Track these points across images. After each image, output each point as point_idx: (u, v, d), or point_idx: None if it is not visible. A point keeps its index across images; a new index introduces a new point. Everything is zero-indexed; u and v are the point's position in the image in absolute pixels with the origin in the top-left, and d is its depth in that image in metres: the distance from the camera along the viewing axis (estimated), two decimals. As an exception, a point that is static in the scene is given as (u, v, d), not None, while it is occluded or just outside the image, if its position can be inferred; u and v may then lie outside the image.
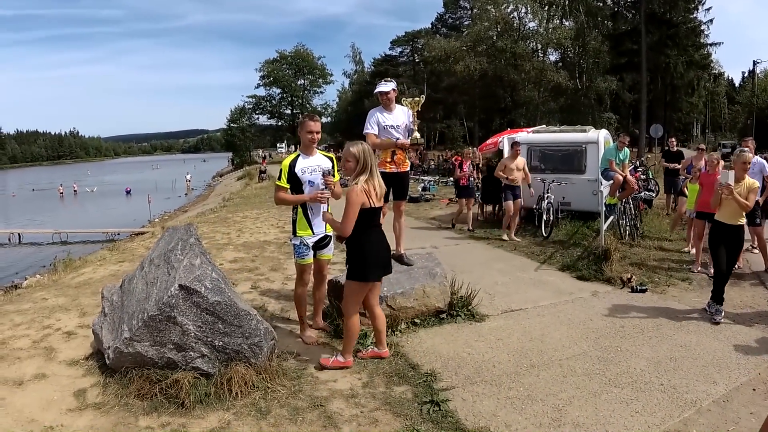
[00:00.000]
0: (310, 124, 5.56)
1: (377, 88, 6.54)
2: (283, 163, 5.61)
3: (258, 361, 4.58)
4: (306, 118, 5.64)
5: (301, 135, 5.63)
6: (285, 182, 5.53)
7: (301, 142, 5.69)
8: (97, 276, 9.56)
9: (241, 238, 12.45)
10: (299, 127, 5.71)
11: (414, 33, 73.04)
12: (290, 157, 5.66)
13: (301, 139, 5.69)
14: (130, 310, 4.70)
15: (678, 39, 43.57)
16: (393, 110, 6.61)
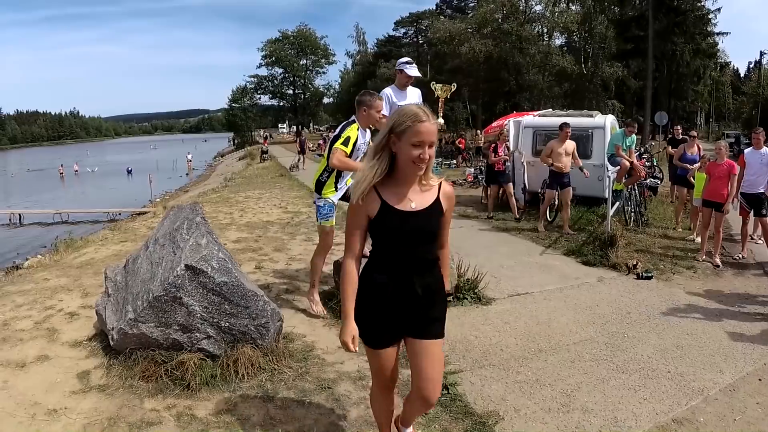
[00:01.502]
0: (379, 103, 5.66)
1: (408, 70, 6.44)
2: (351, 132, 5.60)
3: (265, 342, 4.52)
4: (375, 98, 5.67)
5: (368, 113, 5.64)
6: (349, 149, 5.57)
7: (363, 120, 5.71)
8: (99, 256, 9.50)
9: (244, 218, 12.41)
10: (362, 104, 5.67)
11: (418, 14, 72.66)
12: (354, 129, 5.65)
13: (363, 117, 5.69)
14: (134, 291, 4.64)
15: (685, 27, 43.19)
16: (406, 91, 6.55)
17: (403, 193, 2.70)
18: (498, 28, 45.74)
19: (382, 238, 2.76)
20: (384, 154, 2.65)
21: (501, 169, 12.36)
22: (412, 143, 2.55)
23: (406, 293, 2.75)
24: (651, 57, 41.50)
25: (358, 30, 78.71)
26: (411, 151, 2.56)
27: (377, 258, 2.81)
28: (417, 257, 2.75)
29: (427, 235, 2.75)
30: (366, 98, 5.72)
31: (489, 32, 46.26)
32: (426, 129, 2.54)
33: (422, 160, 2.58)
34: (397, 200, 2.68)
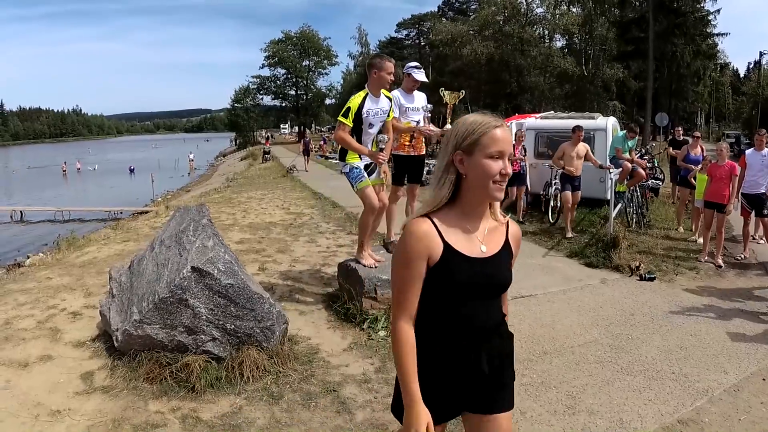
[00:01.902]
0: (389, 66, 5.68)
1: (415, 75, 6.46)
2: (352, 102, 5.65)
3: (270, 344, 4.52)
4: (384, 60, 5.69)
5: (378, 75, 5.66)
6: (350, 121, 5.60)
7: (375, 84, 5.72)
8: (102, 255, 9.50)
9: (247, 219, 12.39)
10: (373, 67, 5.71)
11: (420, 16, 72.71)
12: (359, 96, 5.70)
13: (375, 81, 5.70)
14: (139, 292, 4.64)
15: (685, 28, 43.23)
16: (413, 95, 6.58)
17: (468, 231, 2.04)
18: (499, 30, 45.81)
19: (441, 294, 2.01)
20: (447, 179, 2.01)
21: (517, 170, 11.86)
22: (489, 155, 1.93)
23: (471, 366, 2.06)
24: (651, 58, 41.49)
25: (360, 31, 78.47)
26: (490, 166, 1.94)
27: (430, 319, 2.05)
28: (486, 317, 2.08)
29: (499, 289, 2.13)
30: (376, 60, 5.75)
31: (491, 34, 46.33)
32: (504, 135, 1.96)
33: (505, 176, 1.97)
34: (463, 242, 2.02)
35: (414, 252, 1.96)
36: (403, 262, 1.99)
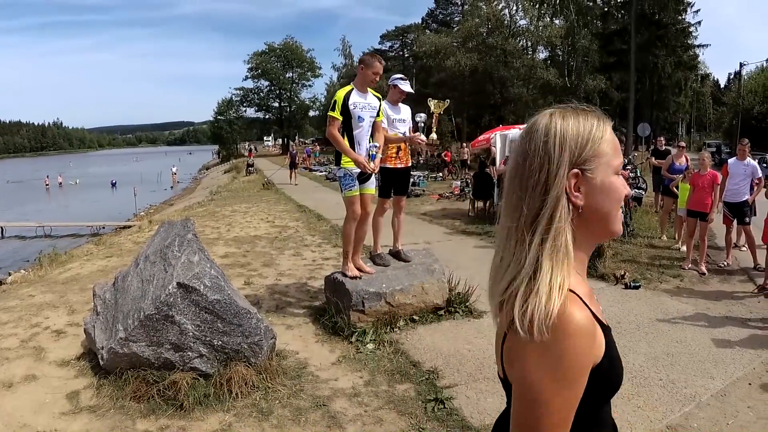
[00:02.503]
0: (377, 65, 5.78)
1: (401, 86, 6.48)
2: (337, 95, 5.80)
3: (258, 360, 4.49)
4: (374, 59, 5.80)
5: (364, 72, 5.79)
6: (338, 114, 5.72)
7: (360, 80, 5.84)
8: (85, 271, 9.41)
9: (231, 233, 12.33)
10: (362, 62, 5.87)
11: (404, 28, 72.88)
12: (344, 89, 5.84)
13: (361, 76, 5.84)
14: (124, 309, 4.59)
15: (667, 40, 43.76)
16: (399, 106, 6.60)
17: (592, 296, 1.31)
18: (483, 42, 46.00)
19: (593, 401, 1.21)
20: (562, 218, 1.20)
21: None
22: (616, 169, 1.28)
23: None
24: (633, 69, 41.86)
25: (344, 43, 78.81)
26: (618, 187, 1.28)
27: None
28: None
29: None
30: (366, 57, 5.89)
31: (474, 46, 46.52)
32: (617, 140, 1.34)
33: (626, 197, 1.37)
34: (600, 315, 1.26)
35: (587, 360, 1.15)
36: (570, 379, 1.13)
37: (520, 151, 1.27)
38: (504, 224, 1.28)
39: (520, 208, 1.22)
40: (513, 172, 1.27)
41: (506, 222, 1.26)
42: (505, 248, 1.27)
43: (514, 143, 1.59)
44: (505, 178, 1.31)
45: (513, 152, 1.33)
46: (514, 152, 1.31)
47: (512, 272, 1.23)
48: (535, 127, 1.26)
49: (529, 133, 1.27)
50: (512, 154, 1.33)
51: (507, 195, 1.28)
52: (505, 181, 1.30)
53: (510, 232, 1.25)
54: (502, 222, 1.29)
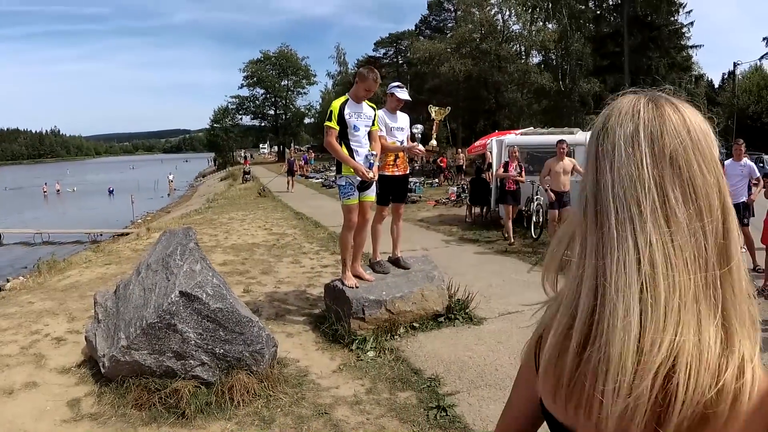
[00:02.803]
0: (371, 84, 5.85)
1: (398, 94, 6.53)
2: (333, 105, 5.90)
3: (260, 368, 4.50)
4: (370, 76, 5.84)
5: (358, 85, 5.89)
6: (335, 124, 5.82)
7: (354, 91, 5.94)
8: (84, 279, 9.40)
9: (229, 241, 12.33)
10: (357, 75, 5.99)
11: (398, 34, 73.03)
12: (340, 100, 5.94)
13: (355, 88, 5.94)
14: (126, 317, 4.59)
15: (660, 41, 43.92)
16: (397, 114, 6.65)
17: None
18: (477, 47, 46.11)
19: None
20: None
21: (512, 188, 11.73)
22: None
23: None
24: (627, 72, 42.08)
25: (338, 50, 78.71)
26: None
27: None
28: None
29: None
30: (363, 71, 5.95)
31: (468, 52, 46.62)
32: None
33: None
34: None
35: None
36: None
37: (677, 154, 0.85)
38: (670, 280, 0.81)
39: (701, 246, 0.83)
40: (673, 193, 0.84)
41: (673, 274, 0.81)
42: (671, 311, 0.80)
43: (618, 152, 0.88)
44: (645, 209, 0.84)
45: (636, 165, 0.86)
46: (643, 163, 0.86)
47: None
48: (672, 121, 0.88)
49: (681, 130, 0.87)
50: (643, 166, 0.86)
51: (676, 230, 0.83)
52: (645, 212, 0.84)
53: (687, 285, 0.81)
54: (670, 280, 0.81)
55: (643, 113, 0.89)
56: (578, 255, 0.91)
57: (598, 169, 0.90)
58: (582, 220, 0.92)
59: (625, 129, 0.89)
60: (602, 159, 0.90)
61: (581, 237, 0.91)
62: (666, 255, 0.81)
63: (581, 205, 0.93)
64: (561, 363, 0.90)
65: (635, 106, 0.91)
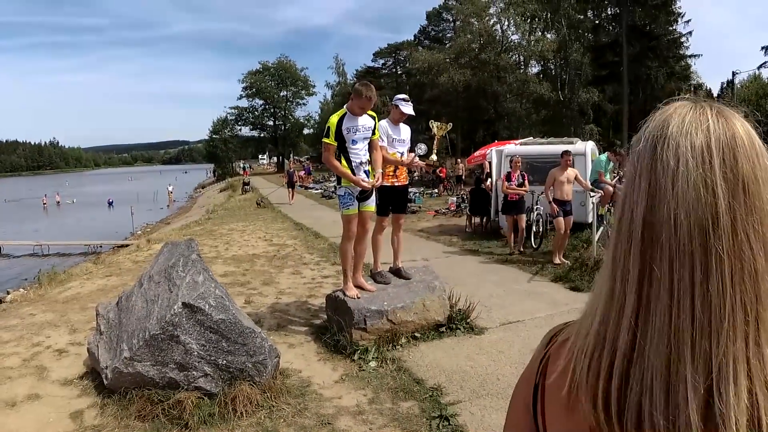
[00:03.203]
0: (365, 102, 5.83)
1: (403, 108, 6.58)
2: (330, 121, 5.90)
3: (262, 379, 4.51)
4: (365, 94, 5.81)
5: (355, 102, 5.86)
6: (333, 140, 5.82)
7: (352, 106, 5.92)
8: (85, 291, 9.41)
9: (230, 252, 12.35)
10: (355, 93, 5.92)
11: (397, 45, 73.27)
12: (337, 114, 5.94)
13: (351, 104, 5.93)
14: (129, 329, 4.61)
15: (659, 51, 44.08)
16: (399, 126, 6.69)
17: None
18: (475, 57, 46.28)
19: None
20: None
21: (514, 198, 11.56)
22: None
23: None
24: (626, 81, 42.26)
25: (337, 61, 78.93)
26: None
27: None
28: None
29: None
30: (359, 87, 5.94)
31: (467, 62, 46.79)
32: None
33: None
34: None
35: None
36: None
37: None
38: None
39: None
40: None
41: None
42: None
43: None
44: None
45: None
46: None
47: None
48: (744, 140, 0.73)
49: (751, 152, 0.73)
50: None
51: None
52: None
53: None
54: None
55: (713, 126, 0.73)
56: (610, 279, 0.78)
57: (654, 185, 0.73)
58: (620, 240, 0.77)
59: (692, 141, 0.72)
60: (662, 174, 0.72)
61: (619, 260, 0.77)
62: (726, 303, 0.69)
63: (622, 223, 0.78)
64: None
65: (701, 114, 0.75)
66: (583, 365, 0.79)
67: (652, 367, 0.72)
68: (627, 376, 0.74)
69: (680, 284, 0.70)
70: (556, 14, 43.33)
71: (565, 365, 0.83)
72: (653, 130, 0.77)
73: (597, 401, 0.76)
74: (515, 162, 11.66)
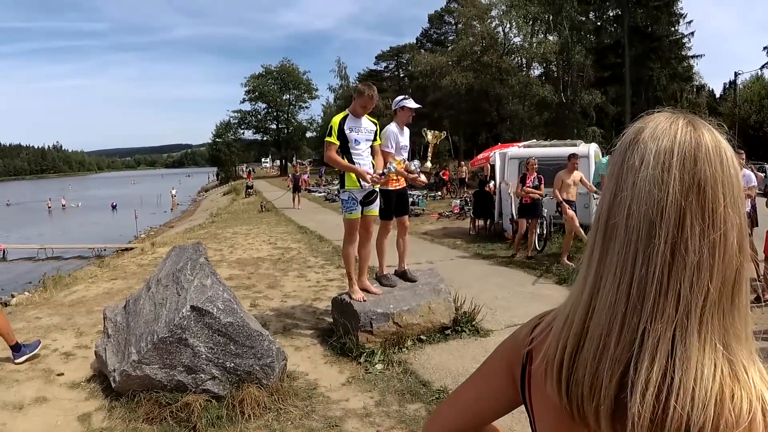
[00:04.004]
0: (367, 101, 5.90)
1: (408, 104, 6.65)
2: (333, 121, 5.95)
3: (270, 382, 4.52)
4: (366, 93, 5.88)
5: (357, 101, 5.94)
6: (335, 139, 5.86)
7: (354, 107, 5.99)
8: (90, 294, 9.43)
9: (234, 255, 12.37)
10: (356, 91, 6.04)
11: (399, 48, 73.39)
12: (340, 115, 6.00)
13: (355, 104, 5.99)
14: (137, 332, 4.63)
15: (661, 52, 44.17)
16: (405, 130, 6.73)
17: None
18: (478, 60, 46.34)
19: None
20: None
21: (528, 201, 11.23)
22: None
23: None
24: (628, 83, 42.32)
25: (339, 64, 79.07)
26: None
27: None
28: None
29: None
30: (361, 87, 6.03)
31: (469, 64, 46.88)
32: None
33: None
34: None
35: None
36: None
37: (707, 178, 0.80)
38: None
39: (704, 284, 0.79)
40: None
41: (663, 309, 0.79)
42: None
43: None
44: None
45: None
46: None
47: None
48: (708, 147, 0.81)
49: (715, 158, 0.81)
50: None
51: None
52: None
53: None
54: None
55: (680, 133, 0.82)
56: (584, 265, 0.90)
57: (619, 181, 0.84)
58: (593, 230, 0.89)
59: (658, 145, 0.82)
60: (626, 172, 0.83)
61: (589, 247, 0.89)
62: (659, 288, 0.78)
63: (596, 214, 0.91)
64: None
65: (673, 124, 0.84)
66: (551, 346, 0.90)
67: (591, 338, 0.83)
68: (576, 352, 0.86)
69: (624, 267, 0.81)
70: (558, 16, 43.39)
71: (545, 350, 0.92)
72: (629, 135, 0.87)
73: (556, 377, 0.87)
74: (531, 164, 11.40)
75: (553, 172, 12.67)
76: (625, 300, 0.80)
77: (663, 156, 0.81)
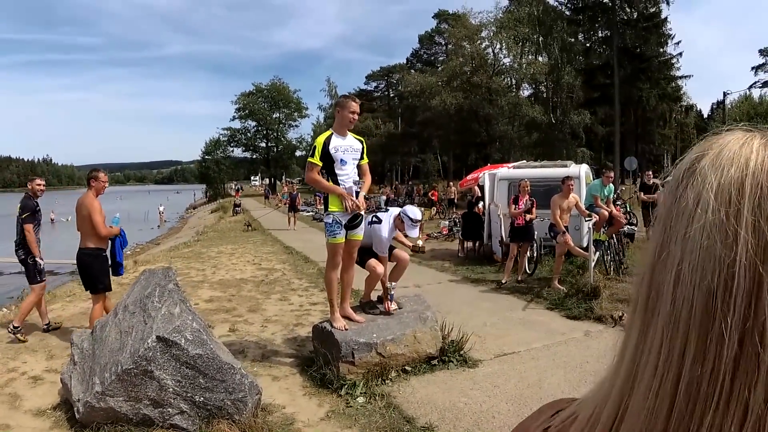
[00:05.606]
0: (352, 105, 5.73)
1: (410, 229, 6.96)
2: (317, 141, 5.74)
3: (242, 417, 4.25)
4: (349, 99, 5.77)
5: (341, 114, 5.75)
6: (318, 160, 5.65)
7: (338, 122, 5.81)
8: (66, 314, 9.19)
9: (217, 276, 12.10)
10: (338, 106, 5.86)
11: (389, 68, 73.85)
12: (324, 135, 5.78)
13: (338, 119, 5.82)
14: (102, 361, 4.36)
15: (650, 72, 44.47)
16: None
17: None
18: (467, 80, 46.48)
19: None
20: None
21: (521, 224, 10.82)
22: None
23: None
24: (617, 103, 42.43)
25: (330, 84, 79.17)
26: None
27: None
28: None
29: None
30: (341, 99, 5.92)
31: (459, 85, 47.01)
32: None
33: None
34: None
35: None
36: None
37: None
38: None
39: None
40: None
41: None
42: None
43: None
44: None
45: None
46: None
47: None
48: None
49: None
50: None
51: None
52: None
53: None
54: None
55: (756, 160, 0.53)
56: (621, 341, 0.62)
57: (667, 229, 0.56)
58: (634, 293, 0.62)
59: (723, 177, 0.53)
60: (677, 216, 0.55)
61: (628, 320, 0.61)
62: (719, 395, 0.50)
63: (636, 275, 0.63)
64: None
65: (745, 146, 0.55)
66: None
67: None
68: None
69: (668, 358, 0.53)
70: (548, 37, 43.67)
71: None
72: (685, 163, 0.59)
73: None
74: (523, 186, 11.05)
75: (544, 194, 12.46)
76: (668, 407, 0.52)
77: (729, 194, 0.52)
